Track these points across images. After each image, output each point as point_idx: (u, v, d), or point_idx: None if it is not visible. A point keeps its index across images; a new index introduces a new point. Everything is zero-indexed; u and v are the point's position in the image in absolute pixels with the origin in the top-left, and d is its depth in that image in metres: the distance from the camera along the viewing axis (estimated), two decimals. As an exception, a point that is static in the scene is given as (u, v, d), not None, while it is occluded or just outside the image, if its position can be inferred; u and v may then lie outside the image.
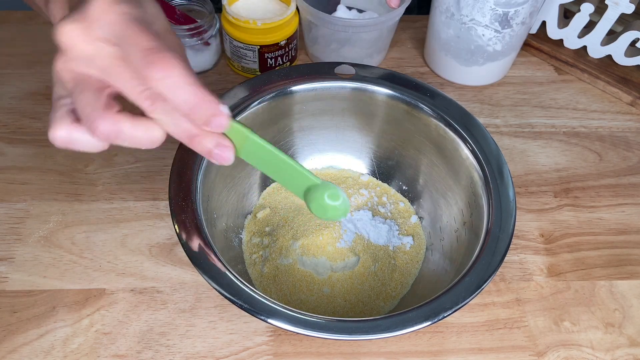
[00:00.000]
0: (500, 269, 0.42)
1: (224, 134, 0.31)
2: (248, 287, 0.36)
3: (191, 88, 0.28)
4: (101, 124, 0.29)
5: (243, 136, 0.32)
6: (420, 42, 0.67)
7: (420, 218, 0.50)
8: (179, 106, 0.28)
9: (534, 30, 0.66)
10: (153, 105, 0.29)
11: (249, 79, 0.47)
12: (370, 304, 0.44)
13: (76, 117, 0.30)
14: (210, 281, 0.36)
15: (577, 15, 0.61)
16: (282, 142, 0.51)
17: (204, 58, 0.60)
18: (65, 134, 0.30)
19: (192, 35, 0.57)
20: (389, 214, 0.50)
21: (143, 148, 0.31)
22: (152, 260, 0.47)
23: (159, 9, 0.32)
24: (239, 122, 0.32)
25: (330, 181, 0.52)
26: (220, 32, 0.61)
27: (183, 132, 0.30)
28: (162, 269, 0.46)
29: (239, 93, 0.46)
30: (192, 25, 0.57)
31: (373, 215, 0.49)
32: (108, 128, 0.29)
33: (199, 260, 0.37)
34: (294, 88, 0.47)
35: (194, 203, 0.40)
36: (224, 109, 0.29)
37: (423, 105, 0.47)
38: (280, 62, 0.60)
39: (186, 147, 0.42)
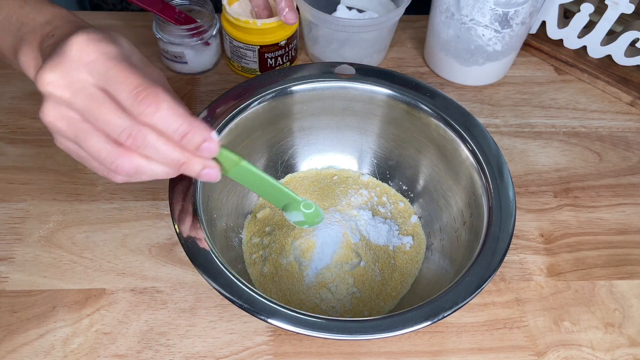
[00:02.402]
0: (500, 269, 0.42)
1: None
2: (248, 287, 0.36)
3: (182, 118, 0.30)
4: (121, 164, 0.31)
5: (233, 162, 0.35)
6: (420, 42, 0.67)
7: (420, 218, 0.50)
8: (172, 136, 0.30)
9: (534, 30, 0.66)
10: (135, 142, 0.30)
11: (249, 79, 0.47)
12: (370, 304, 0.44)
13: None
14: (210, 281, 0.36)
15: (577, 15, 0.61)
16: (282, 142, 0.51)
17: (204, 58, 0.60)
18: (127, 162, 0.31)
19: (192, 35, 0.57)
20: (389, 214, 0.50)
21: (161, 178, 0.33)
22: (152, 260, 0.47)
23: (131, 44, 0.34)
24: (228, 149, 0.34)
25: (331, 180, 0.52)
26: (220, 32, 0.61)
27: (171, 162, 0.31)
28: (162, 269, 0.46)
29: (239, 93, 0.46)
30: (192, 25, 0.57)
31: (373, 215, 0.49)
32: (127, 166, 0.31)
33: (199, 260, 0.37)
34: (294, 88, 0.47)
35: (194, 203, 0.40)
36: (214, 136, 0.32)
37: (423, 105, 0.47)
38: (280, 62, 0.60)
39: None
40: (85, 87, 0.30)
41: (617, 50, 0.61)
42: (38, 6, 0.38)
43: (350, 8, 0.64)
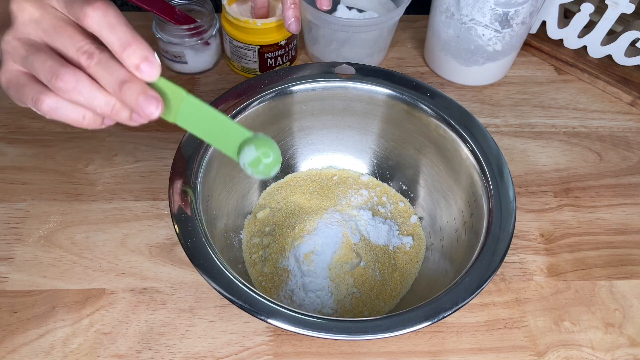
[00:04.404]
0: (500, 269, 0.42)
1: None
2: (248, 287, 0.36)
3: (126, 28, 0.30)
4: (65, 75, 0.30)
5: (179, 97, 0.32)
6: (420, 42, 0.67)
7: (420, 218, 0.50)
8: (114, 44, 0.29)
9: (534, 30, 0.66)
10: (90, 58, 0.30)
11: (249, 79, 0.47)
12: (370, 304, 0.44)
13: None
14: (210, 281, 0.36)
15: (577, 15, 0.61)
16: (282, 142, 0.51)
17: (204, 58, 0.60)
18: (53, 102, 0.31)
19: (192, 35, 0.57)
20: (389, 214, 0.50)
21: (97, 108, 0.31)
22: (152, 260, 0.47)
23: None
24: (171, 81, 0.32)
25: (331, 180, 0.52)
26: (220, 32, 0.61)
27: (115, 80, 0.30)
28: (162, 269, 0.46)
29: (239, 93, 0.46)
30: (192, 25, 0.57)
31: (373, 215, 0.49)
32: (71, 79, 0.30)
33: (199, 260, 0.37)
34: (294, 88, 0.47)
35: (194, 203, 0.40)
36: (156, 58, 0.30)
37: (423, 105, 0.47)
38: (280, 62, 0.60)
39: (186, 147, 0.42)
40: (54, 9, 0.31)
41: (617, 50, 0.61)
42: None
43: (350, 8, 0.64)
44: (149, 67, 0.30)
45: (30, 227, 0.48)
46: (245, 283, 0.36)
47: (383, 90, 0.48)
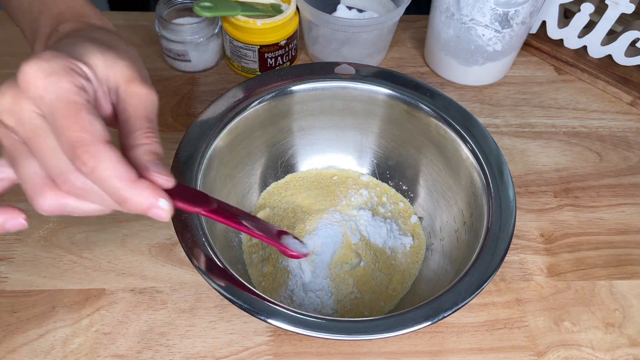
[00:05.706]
0: (500, 269, 0.42)
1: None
2: (248, 287, 0.36)
3: (122, 182, 0.26)
4: (43, 202, 0.28)
5: None
6: (420, 42, 0.67)
7: (420, 218, 0.50)
8: (110, 198, 0.27)
9: (534, 30, 0.66)
10: (72, 189, 0.28)
11: (249, 79, 0.47)
12: (370, 304, 0.44)
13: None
14: (210, 281, 0.36)
15: (577, 15, 0.61)
16: (282, 142, 0.51)
17: (206, 56, 0.60)
18: (54, 201, 0.28)
19: (192, 35, 0.57)
20: (389, 213, 0.50)
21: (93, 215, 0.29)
22: (152, 260, 0.47)
23: (105, 46, 0.31)
24: None
25: (331, 180, 0.52)
26: (221, 32, 0.61)
27: (108, 205, 0.29)
28: (162, 269, 0.46)
29: (239, 93, 0.46)
30: (192, 24, 0.57)
31: (373, 215, 0.49)
32: (48, 206, 0.28)
33: (199, 260, 0.37)
34: (294, 88, 0.47)
35: (194, 203, 0.39)
36: (162, 203, 0.28)
37: (423, 105, 0.47)
38: (280, 62, 0.60)
39: (186, 147, 0.42)
40: (30, 118, 0.27)
41: (618, 50, 0.61)
42: None
43: (350, 8, 0.64)
44: (155, 214, 0.28)
45: (30, 227, 0.48)
46: (245, 283, 0.36)
47: (383, 90, 0.48)
